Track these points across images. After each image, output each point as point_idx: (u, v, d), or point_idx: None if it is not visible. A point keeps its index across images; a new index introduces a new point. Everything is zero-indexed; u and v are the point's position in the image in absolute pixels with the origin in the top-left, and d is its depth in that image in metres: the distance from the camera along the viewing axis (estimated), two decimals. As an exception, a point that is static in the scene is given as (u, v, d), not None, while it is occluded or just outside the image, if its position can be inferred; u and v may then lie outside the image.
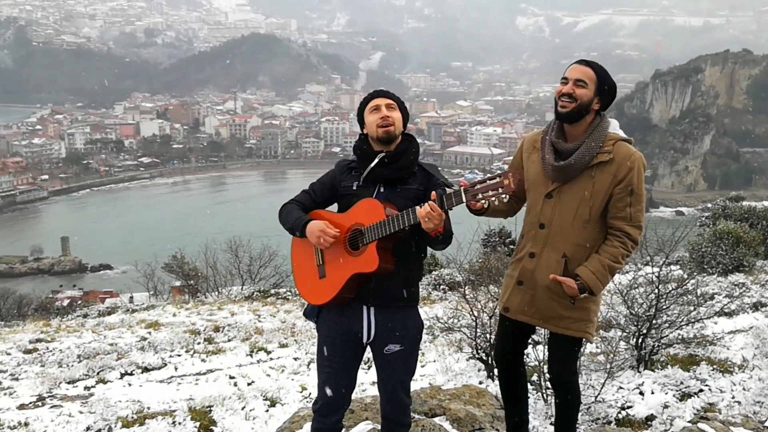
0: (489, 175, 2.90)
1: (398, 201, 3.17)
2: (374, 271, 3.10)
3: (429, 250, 3.40)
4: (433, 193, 2.96)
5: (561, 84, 3.41)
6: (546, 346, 5.30)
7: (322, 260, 3.24)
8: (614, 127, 3.42)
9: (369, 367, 7.29)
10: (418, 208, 2.95)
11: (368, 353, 3.45)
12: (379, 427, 4.04)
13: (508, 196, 2.87)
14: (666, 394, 5.31)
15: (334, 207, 3.43)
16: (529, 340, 3.87)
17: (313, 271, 3.26)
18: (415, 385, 5.57)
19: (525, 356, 4.00)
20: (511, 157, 3.80)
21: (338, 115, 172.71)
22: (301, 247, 3.32)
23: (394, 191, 3.21)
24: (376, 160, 3.21)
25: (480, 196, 2.86)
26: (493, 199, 2.86)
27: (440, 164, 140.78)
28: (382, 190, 3.21)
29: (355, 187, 3.25)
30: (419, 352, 3.60)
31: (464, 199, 2.88)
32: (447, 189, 3.01)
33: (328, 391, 3.32)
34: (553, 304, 3.46)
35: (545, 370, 5.31)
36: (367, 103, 3.31)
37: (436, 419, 4.34)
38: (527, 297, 3.53)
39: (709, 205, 21.79)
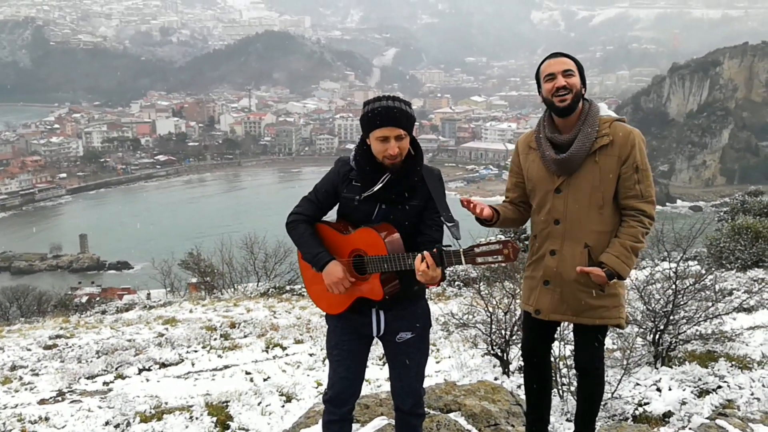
0: (492, 239, 2.85)
1: (398, 217, 3.14)
2: (379, 301, 3.11)
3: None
4: (436, 248, 2.89)
5: (546, 81, 3.38)
6: (562, 342, 5.30)
7: None
8: (605, 109, 3.44)
9: (384, 363, 7.31)
10: (418, 258, 2.88)
11: (380, 350, 3.46)
12: (394, 422, 4.05)
13: (505, 264, 2.89)
14: (684, 390, 5.27)
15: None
16: (555, 335, 3.86)
17: (321, 282, 3.21)
18: (430, 381, 5.58)
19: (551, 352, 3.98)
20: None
21: (352, 112, 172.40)
22: None
23: (395, 208, 3.15)
24: (379, 185, 3.11)
25: (479, 260, 2.82)
26: (493, 264, 2.85)
27: (454, 160, 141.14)
28: (383, 207, 3.15)
29: (356, 202, 3.17)
30: (432, 345, 3.58)
31: (463, 261, 2.85)
32: (448, 244, 2.95)
33: (340, 380, 3.32)
34: (583, 296, 3.44)
35: (560, 366, 5.31)
36: (373, 126, 3.06)
37: (451, 415, 4.34)
38: (556, 295, 3.51)
39: (728, 200, 21.55)
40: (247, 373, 8.05)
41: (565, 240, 3.45)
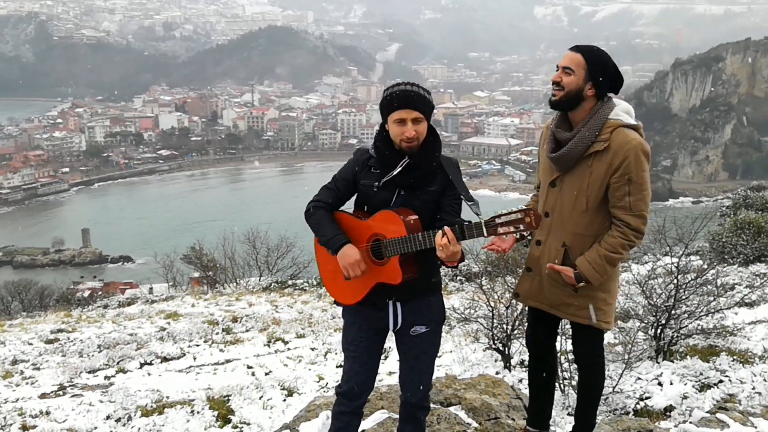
0: (513, 208, 2.83)
1: (417, 204, 3.14)
2: (398, 284, 3.10)
3: None
4: (456, 222, 2.93)
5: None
6: (563, 337, 5.30)
7: None
8: (617, 112, 3.31)
9: (386, 357, 7.31)
10: (438, 234, 2.89)
11: (386, 343, 3.45)
12: (394, 416, 4.04)
13: (529, 233, 2.85)
14: (685, 384, 5.27)
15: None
16: (558, 329, 3.84)
17: (338, 271, 3.20)
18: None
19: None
20: (529, 148, 3.77)
21: (355, 107, 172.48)
22: None
23: (413, 194, 3.16)
24: (398, 169, 3.13)
25: (501, 230, 2.81)
26: (516, 234, 2.84)
27: (457, 155, 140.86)
28: (402, 193, 3.16)
29: (375, 188, 3.18)
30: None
31: (485, 233, 2.84)
32: (468, 218, 2.95)
33: (355, 376, 3.32)
34: (557, 291, 3.47)
35: (562, 361, 5.30)
36: (390, 109, 3.09)
37: (452, 408, 4.34)
38: (535, 283, 3.57)
39: (730, 195, 21.50)
40: (249, 367, 8.06)
41: (550, 234, 3.47)
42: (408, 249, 3.01)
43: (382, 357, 7.17)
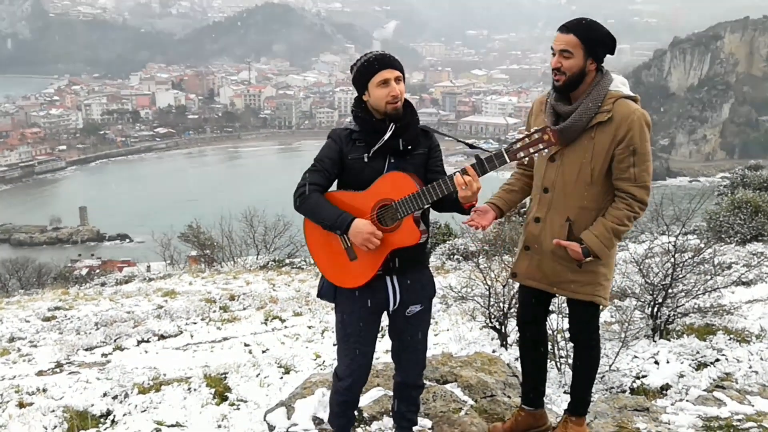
0: (526, 132, 2.83)
1: (408, 168, 3.10)
2: (416, 243, 3.06)
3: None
4: (475, 157, 2.91)
5: (552, 55, 3.28)
6: (559, 315, 5.30)
7: (349, 242, 3.07)
8: (616, 84, 3.29)
9: (383, 336, 7.33)
10: (457, 175, 2.87)
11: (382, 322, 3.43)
12: (390, 393, 4.04)
13: (548, 150, 2.83)
14: (682, 363, 5.28)
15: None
16: (550, 306, 3.82)
17: (339, 253, 3.10)
18: (428, 353, 5.58)
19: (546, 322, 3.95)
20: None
21: (352, 85, 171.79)
22: (320, 228, 3.13)
23: (404, 160, 3.11)
24: (389, 134, 3.06)
25: (522, 154, 2.80)
26: (535, 155, 2.82)
27: (455, 134, 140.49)
28: (392, 160, 3.11)
29: (366, 159, 3.10)
30: (431, 318, 3.56)
31: (507, 159, 2.83)
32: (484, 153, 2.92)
33: (358, 368, 3.29)
34: (559, 268, 3.42)
35: (558, 339, 5.31)
36: (372, 72, 3.07)
37: (448, 386, 4.34)
38: (534, 262, 3.50)
39: (728, 174, 21.47)
40: (246, 345, 8.07)
41: (551, 209, 3.41)
42: (425, 203, 2.97)
43: (379, 336, 7.21)
